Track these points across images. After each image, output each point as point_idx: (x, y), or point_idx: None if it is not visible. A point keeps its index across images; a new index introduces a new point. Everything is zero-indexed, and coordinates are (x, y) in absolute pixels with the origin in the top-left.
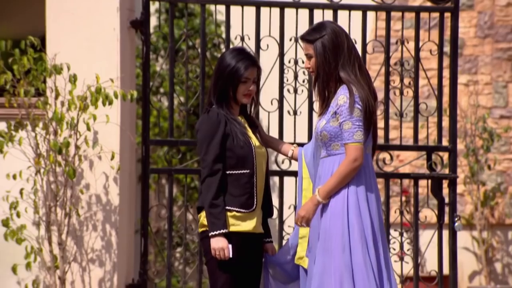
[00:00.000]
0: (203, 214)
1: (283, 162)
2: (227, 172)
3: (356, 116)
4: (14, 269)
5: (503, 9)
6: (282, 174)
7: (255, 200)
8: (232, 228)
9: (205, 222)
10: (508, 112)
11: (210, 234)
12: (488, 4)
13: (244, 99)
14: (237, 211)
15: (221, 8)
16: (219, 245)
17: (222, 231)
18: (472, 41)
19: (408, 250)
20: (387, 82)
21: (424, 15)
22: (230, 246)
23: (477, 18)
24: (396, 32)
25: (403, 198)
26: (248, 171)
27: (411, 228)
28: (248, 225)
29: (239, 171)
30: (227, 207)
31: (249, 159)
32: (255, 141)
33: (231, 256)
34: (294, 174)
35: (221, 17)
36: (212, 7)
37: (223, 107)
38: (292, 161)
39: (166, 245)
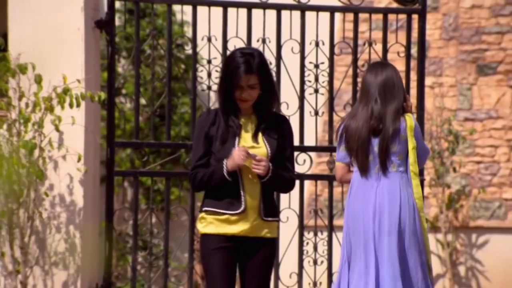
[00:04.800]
0: (199, 216)
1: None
2: None
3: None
4: None
5: (467, 11)
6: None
7: (242, 202)
8: (219, 231)
9: (198, 226)
10: (472, 115)
11: (221, 175)
12: (453, 6)
13: (240, 104)
14: (222, 213)
15: (185, 8)
16: (233, 162)
17: (224, 168)
18: (437, 43)
19: None
20: (354, 84)
21: (390, 17)
22: (240, 149)
23: (442, 20)
24: (361, 34)
25: None
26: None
27: None
28: (237, 228)
29: None
30: (213, 209)
31: None
32: (246, 142)
33: (243, 153)
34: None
35: (184, 17)
36: (174, 7)
37: (225, 108)
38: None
39: (132, 249)
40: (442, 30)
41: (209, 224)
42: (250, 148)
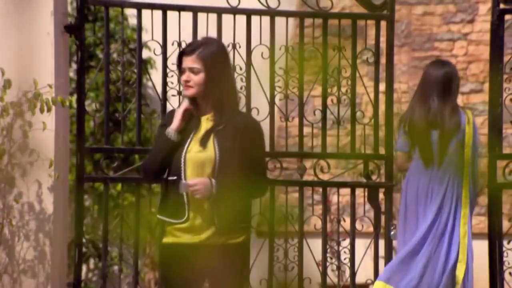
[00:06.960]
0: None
1: None
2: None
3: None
4: None
5: (419, 18)
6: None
7: (185, 209)
8: (177, 240)
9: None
10: None
11: (166, 138)
12: (405, 13)
13: (183, 90)
14: (167, 222)
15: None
16: (177, 114)
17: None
18: None
19: (345, 259)
20: (324, 90)
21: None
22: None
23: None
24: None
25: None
26: (175, 178)
27: (333, 236)
28: (191, 238)
29: (169, 177)
30: (161, 216)
31: (175, 165)
32: (196, 145)
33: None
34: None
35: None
36: (127, 11)
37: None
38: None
39: (102, 255)
40: (395, 37)
41: (167, 232)
42: (197, 152)
